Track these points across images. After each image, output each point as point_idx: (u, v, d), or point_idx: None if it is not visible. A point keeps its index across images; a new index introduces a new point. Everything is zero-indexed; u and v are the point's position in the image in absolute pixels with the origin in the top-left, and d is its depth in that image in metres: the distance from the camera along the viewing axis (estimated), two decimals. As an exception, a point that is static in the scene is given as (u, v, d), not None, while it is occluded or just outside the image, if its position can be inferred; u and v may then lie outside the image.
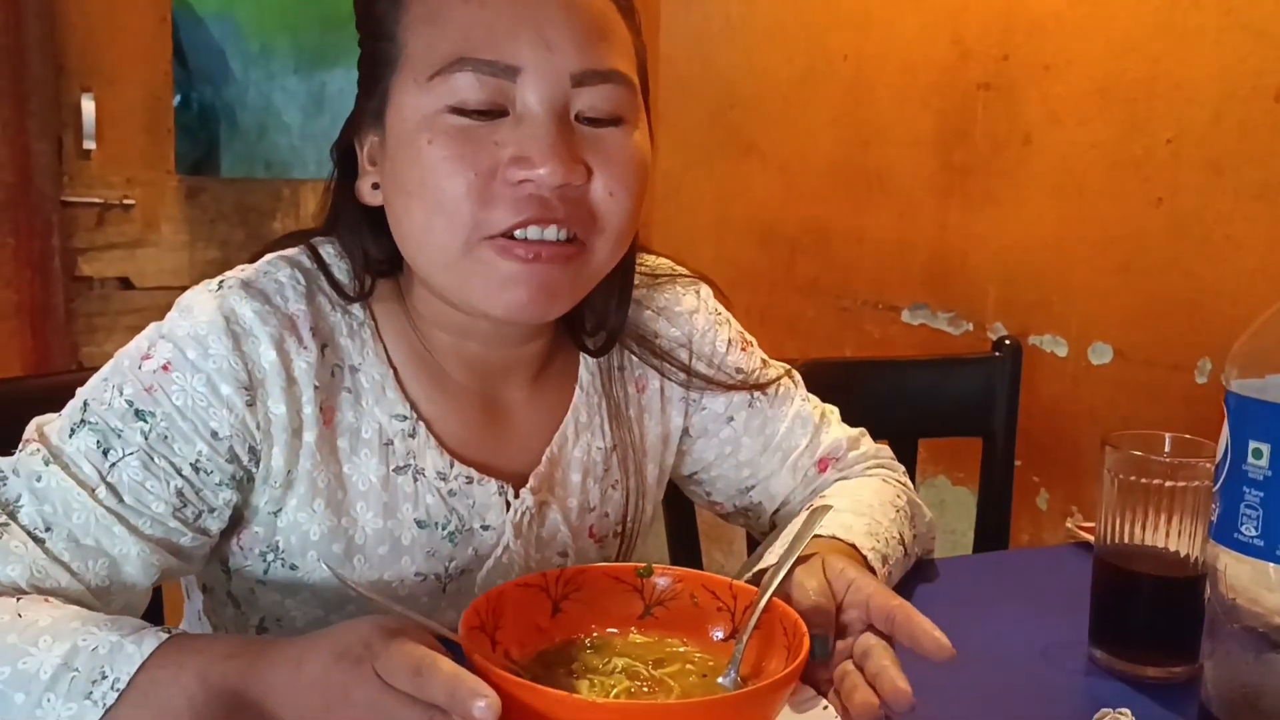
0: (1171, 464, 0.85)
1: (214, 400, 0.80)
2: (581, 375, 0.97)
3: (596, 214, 0.82)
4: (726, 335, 1.05)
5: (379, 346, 0.89)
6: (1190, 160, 1.66)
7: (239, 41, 3.04)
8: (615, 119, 0.82)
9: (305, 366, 0.84)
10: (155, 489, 0.79)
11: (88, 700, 0.66)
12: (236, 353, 0.81)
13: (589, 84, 0.80)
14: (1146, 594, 0.87)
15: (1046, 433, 1.88)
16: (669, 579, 0.80)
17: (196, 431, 0.80)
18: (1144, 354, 1.75)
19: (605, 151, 0.81)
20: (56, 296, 2.33)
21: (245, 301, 0.83)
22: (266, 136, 3.07)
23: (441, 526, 0.89)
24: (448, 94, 0.78)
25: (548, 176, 0.77)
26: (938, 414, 1.45)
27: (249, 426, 0.82)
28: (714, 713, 0.64)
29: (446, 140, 0.78)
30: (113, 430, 0.79)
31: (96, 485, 0.78)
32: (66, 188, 2.34)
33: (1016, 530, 1.87)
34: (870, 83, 2.21)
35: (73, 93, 2.32)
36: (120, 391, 0.80)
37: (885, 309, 2.22)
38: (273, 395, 0.82)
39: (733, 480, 1.07)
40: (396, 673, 0.62)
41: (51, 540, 0.76)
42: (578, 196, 0.80)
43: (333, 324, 0.87)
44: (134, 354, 0.82)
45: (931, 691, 0.83)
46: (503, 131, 0.79)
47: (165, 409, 0.79)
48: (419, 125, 0.79)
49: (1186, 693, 0.79)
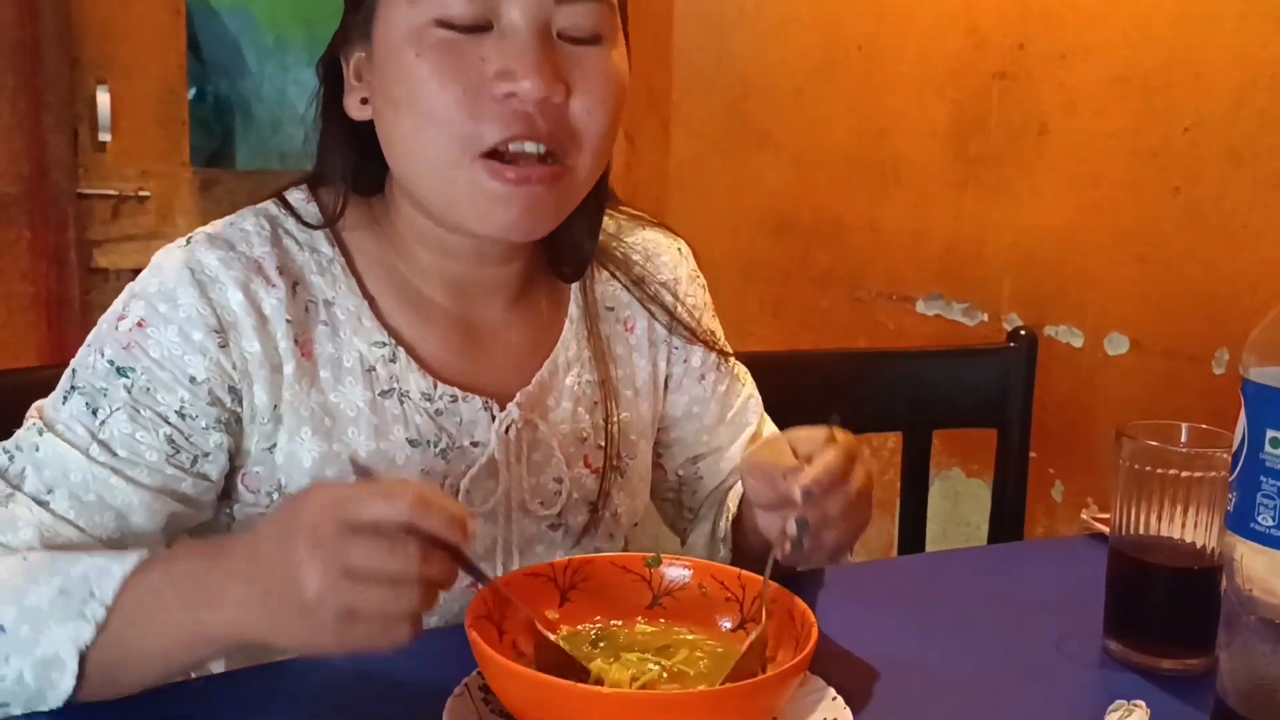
0: (1187, 454, 0.84)
1: (188, 348, 0.84)
2: (571, 310, 1.01)
3: (576, 131, 0.85)
4: (705, 297, 1.10)
5: (351, 280, 0.91)
6: (1208, 149, 1.65)
7: (253, 34, 3.04)
8: (595, 37, 0.85)
9: (275, 303, 0.87)
10: (145, 439, 0.82)
11: (80, 618, 0.70)
12: (204, 300, 0.84)
13: (570, 1, 0.83)
14: (1162, 585, 0.86)
15: (1062, 424, 1.86)
16: (677, 569, 0.80)
17: (176, 380, 0.83)
18: (1161, 345, 1.74)
19: (584, 70, 0.84)
20: (72, 288, 2.34)
21: (209, 251, 0.86)
22: (281, 129, 3.07)
23: (433, 445, 0.91)
24: (434, 7, 0.81)
25: (531, 90, 0.81)
26: (952, 405, 1.44)
27: (225, 368, 0.85)
28: (722, 702, 0.64)
29: (434, 54, 0.81)
30: (98, 390, 0.83)
31: (89, 445, 0.81)
32: (82, 180, 2.35)
33: (1031, 522, 1.86)
34: (885, 73, 2.20)
35: (88, 85, 2.33)
36: (101, 354, 0.84)
37: (899, 300, 2.21)
38: (245, 335, 0.85)
39: (689, 444, 1.09)
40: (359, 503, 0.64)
41: (55, 502, 0.80)
42: (558, 114, 0.83)
43: (300, 263, 0.90)
44: (111, 317, 0.86)
45: (946, 682, 0.82)
46: (487, 45, 0.82)
47: (144, 363, 0.83)
48: (406, 38, 0.82)
49: (1202, 685, 0.78)
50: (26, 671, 0.71)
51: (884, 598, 0.98)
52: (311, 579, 0.63)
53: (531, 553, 0.95)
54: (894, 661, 0.84)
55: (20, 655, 0.71)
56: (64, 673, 0.70)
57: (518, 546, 0.94)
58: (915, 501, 1.43)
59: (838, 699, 0.73)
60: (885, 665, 0.83)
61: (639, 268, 1.05)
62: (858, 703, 0.74)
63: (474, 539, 0.66)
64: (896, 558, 1.43)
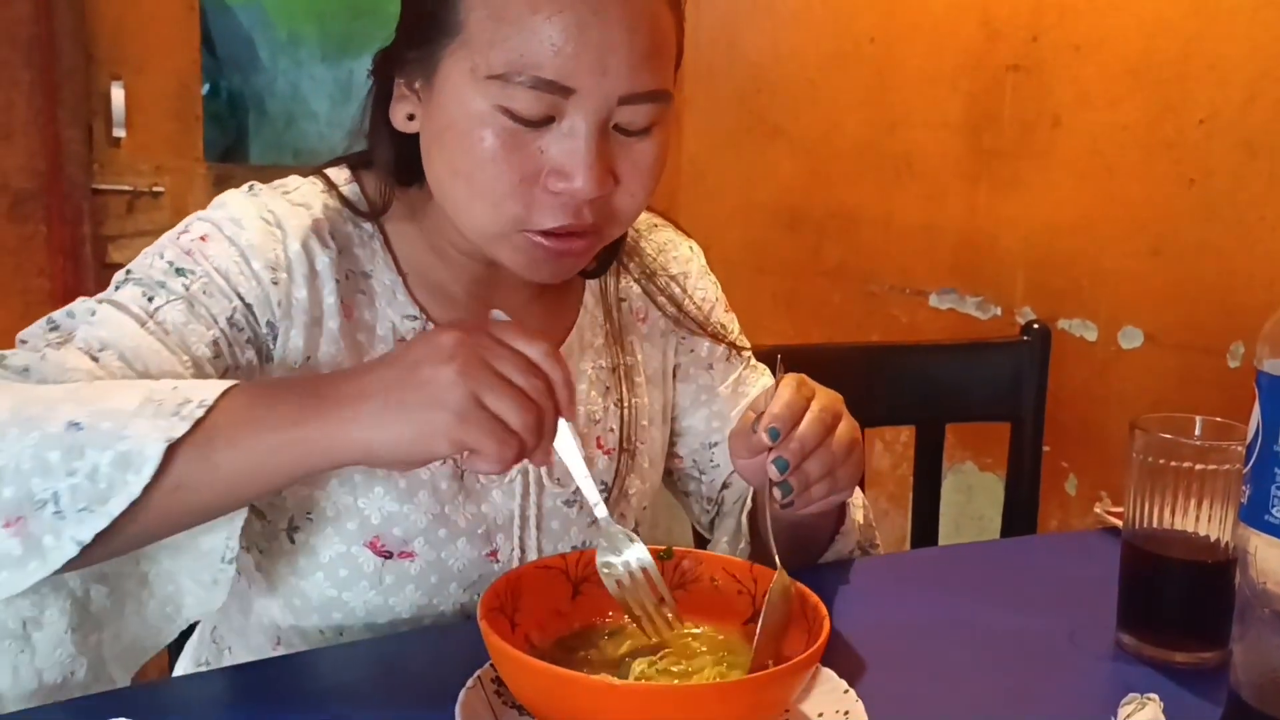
0: (1201, 447, 0.83)
1: (245, 269, 0.87)
2: (586, 299, 1.05)
3: (614, 212, 0.89)
4: (716, 293, 1.14)
5: (388, 257, 0.96)
6: (1223, 141, 1.64)
7: (267, 29, 3.05)
8: (647, 128, 0.87)
9: (327, 262, 0.91)
10: (197, 332, 0.84)
11: (175, 417, 0.69)
12: (269, 237, 0.89)
13: (633, 103, 0.84)
14: (1175, 579, 0.86)
15: (1075, 418, 1.86)
16: (690, 562, 0.80)
17: (231, 290, 0.87)
18: (1175, 338, 1.73)
19: (633, 160, 0.87)
20: (88, 284, 2.35)
21: (275, 200, 0.92)
22: (294, 124, 3.08)
23: None
24: (503, 97, 0.82)
25: (584, 191, 0.83)
26: (965, 399, 1.44)
27: (271, 302, 0.88)
28: (734, 694, 0.64)
29: (497, 141, 0.83)
30: (157, 283, 0.85)
31: (145, 320, 0.83)
32: (97, 175, 2.36)
33: (1045, 516, 1.86)
34: (897, 65, 2.19)
35: (102, 81, 2.34)
36: (161, 255, 0.87)
37: (913, 294, 2.20)
38: (296, 281, 0.89)
39: (700, 433, 1.11)
40: (508, 332, 0.71)
41: (105, 358, 0.80)
42: (602, 201, 0.87)
43: (347, 232, 0.94)
44: (171, 234, 0.90)
45: (958, 675, 0.82)
46: (548, 139, 0.84)
47: (204, 268, 0.86)
48: (471, 117, 0.84)
49: (1216, 678, 0.78)
50: (103, 465, 0.68)
51: (896, 591, 0.98)
52: (455, 360, 0.68)
53: (548, 528, 0.97)
54: (906, 654, 0.84)
55: (99, 448, 0.68)
56: (141, 470, 0.67)
57: (535, 521, 0.96)
58: (928, 495, 1.43)
59: (849, 691, 0.73)
60: (897, 658, 0.83)
61: (652, 261, 1.09)
62: (870, 695, 0.74)
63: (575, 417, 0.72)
64: (909, 551, 1.43)
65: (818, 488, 0.84)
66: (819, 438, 0.82)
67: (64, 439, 0.68)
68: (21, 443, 0.68)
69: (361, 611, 0.91)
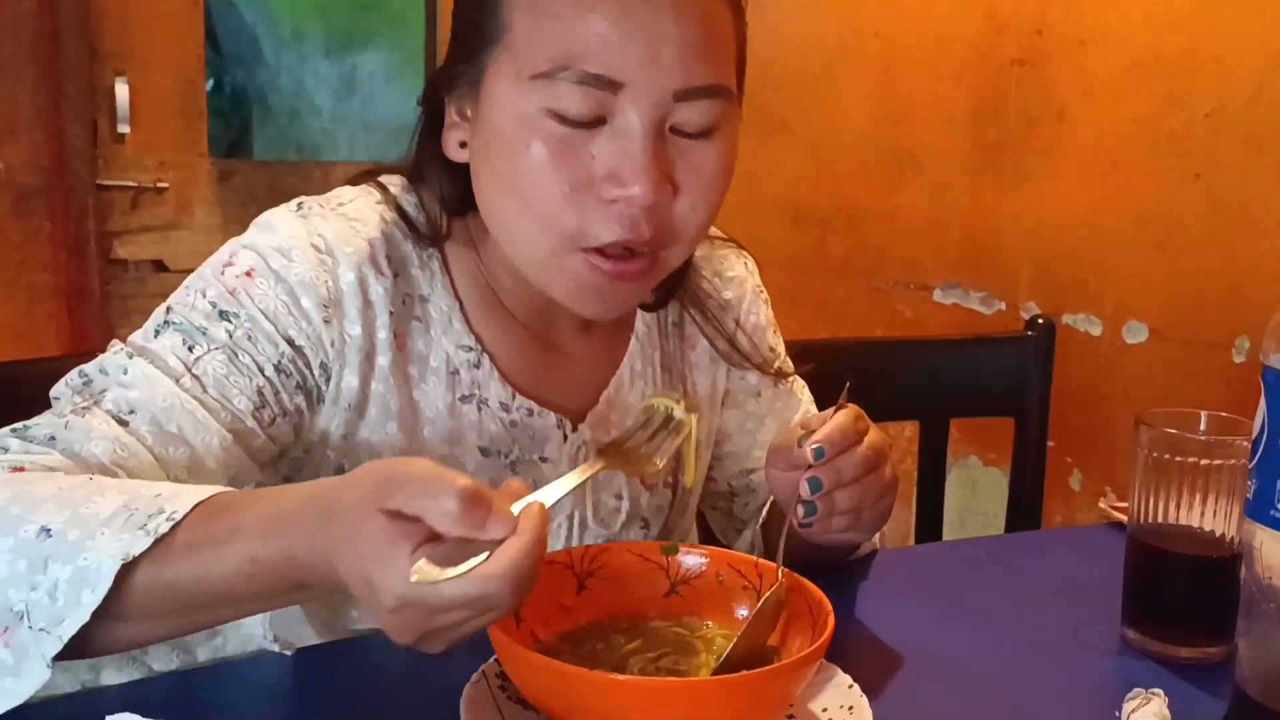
0: (1207, 442, 0.83)
1: (294, 309, 0.83)
2: (638, 327, 1.00)
3: (676, 228, 0.83)
4: (767, 314, 1.09)
5: (446, 279, 0.91)
6: (1229, 135, 1.63)
7: (270, 25, 3.05)
8: (708, 130, 0.81)
9: (381, 292, 0.86)
10: (239, 384, 0.80)
11: (140, 530, 0.64)
12: (319, 268, 0.84)
13: (690, 99, 0.79)
14: (1180, 574, 0.86)
15: (1080, 413, 1.85)
16: (694, 557, 0.80)
17: (278, 334, 0.82)
18: (1181, 333, 1.73)
19: (693, 165, 0.81)
20: (92, 279, 2.35)
21: (326, 223, 0.86)
22: (298, 120, 3.08)
23: (504, 455, 0.91)
24: (549, 98, 0.77)
25: (640, 197, 0.78)
26: (970, 394, 1.43)
27: (323, 343, 0.84)
28: (737, 689, 0.64)
29: (544, 148, 0.78)
30: (197, 329, 0.81)
31: (182, 375, 0.79)
32: (101, 171, 2.36)
33: (1049, 511, 1.85)
34: (902, 59, 2.19)
35: (106, 77, 2.34)
36: (203, 294, 0.83)
37: (917, 288, 2.20)
38: (349, 316, 0.85)
39: (741, 459, 1.08)
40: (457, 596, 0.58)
41: (135, 422, 0.76)
42: (661, 212, 0.81)
43: (404, 254, 0.89)
44: (215, 263, 0.85)
45: (963, 671, 0.82)
46: (599, 142, 0.79)
47: (249, 310, 0.82)
48: (517, 123, 0.79)
49: (1221, 673, 0.78)
50: (62, 582, 0.64)
51: (901, 586, 0.98)
52: (399, 631, 0.60)
53: None
54: (911, 650, 0.84)
55: (62, 562, 0.64)
56: (96, 588, 0.63)
57: None
58: (933, 490, 1.42)
59: (854, 687, 0.73)
60: (902, 654, 0.83)
61: (703, 292, 1.04)
62: (874, 691, 0.74)
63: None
64: (913, 546, 1.42)
65: (839, 520, 0.81)
66: (858, 472, 0.80)
67: (33, 548, 0.65)
68: (0, 548, 0.65)
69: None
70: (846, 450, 0.80)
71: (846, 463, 0.79)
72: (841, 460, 0.79)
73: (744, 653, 0.72)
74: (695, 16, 0.78)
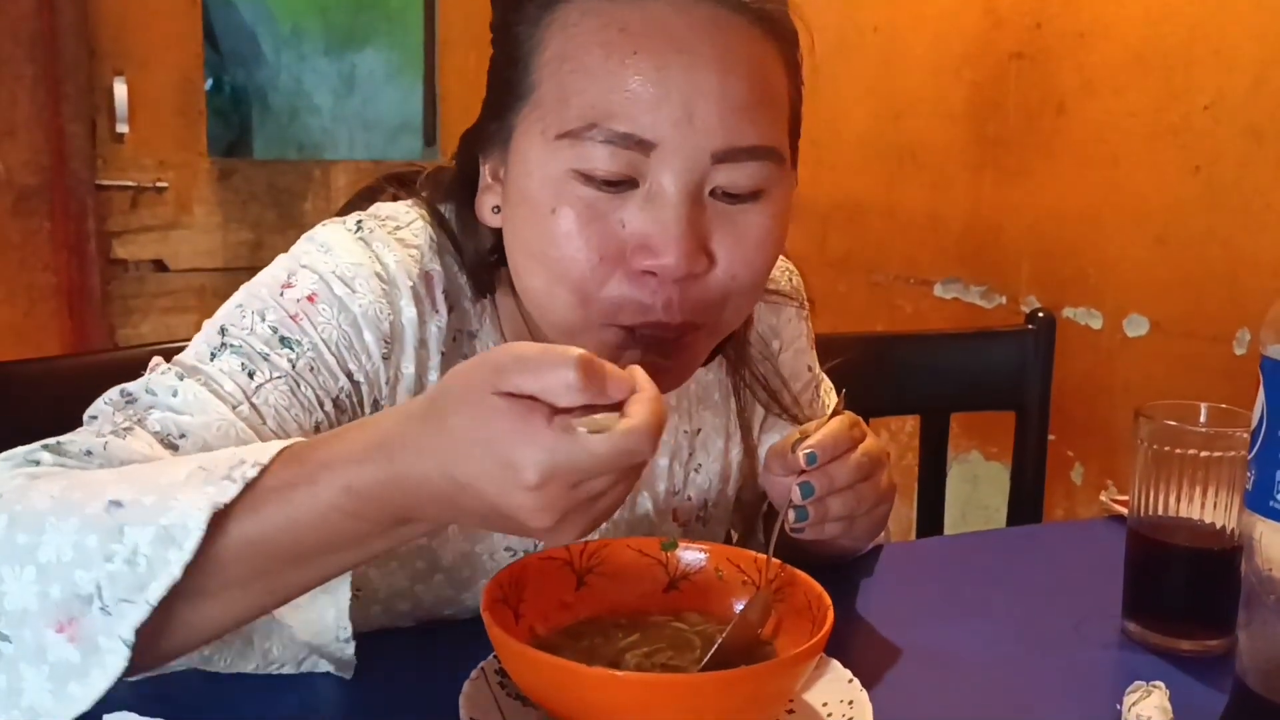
0: (1207, 434, 0.83)
1: (356, 342, 0.79)
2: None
3: (717, 298, 0.77)
4: (804, 332, 1.07)
5: (495, 315, 0.87)
6: (1229, 127, 1.63)
7: (270, 24, 3.05)
8: (754, 193, 0.76)
9: (436, 331, 0.83)
10: (299, 418, 0.75)
11: (225, 480, 0.59)
12: (384, 300, 0.79)
13: (731, 160, 0.73)
14: (1181, 566, 0.86)
15: (1081, 407, 1.85)
16: (693, 553, 0.80)
17: (340, 368, 0.78)
18: (1181, 326, 1.73)
19: (735, 233, 0.75)
20: (93, 279, 2.35)
21: (389, 249, 0.81)
22: (298, 119, 3.08)
23: None
24: (576, 159, 0.73)
25: (672, 269, 0.73)
26: (970, 388, 1.43)
27: (380, 380, 0.80)
28: (736, 684, 0.64)
29: (572, 213, 0.73)
30: (258, 354, 0.75)
31: (240, 403, 0.73)
32: (100, 171, 2.37)
33: (1051, 505, 1.85)
34: (901, 54, 2.19)
35: (105, 76, 2.34)
36: (262, 318, 0.77)
37: (917, 283, 2.20)
38: (405, 354, 0.81)
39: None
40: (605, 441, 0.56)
41: (185, 446, 0.70)
42: (699, 284, 0.75)
43: (460, 286, 0.85)
44: (272, 283, 0.79)
45: (964, 664, 0.82)
46: (630, 208, 0.73)
47: (312, 339, 0.77)
48: (544, 186, 0.74)
49: (1222, 666, 0.77)
50: (144, 545, 0.58)
51: (902, 580, 0.98)
52: (546, 511, 0.56)
53: None
54: (912, 644, 0.84)
55: (140, 525, 0.58)
56: (184, 544, 0.58)
57: None
58: (934, 485, 1.42)
59: (854, 681, 0.73)
60: (903, 648, 0.83)
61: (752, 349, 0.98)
62: (875, 685, 0.74)
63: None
64: (915, 540, 1.42)
65: (832, 526, 0.80)
66: (851, 479, 0.78)
67: (102, 521, 0.59)
68: (60, 532, 0.59)
69: None
70: (840, 456, 0.78)
71: (839, 469, 0.78)
72: (834, 466, 0.78)
73: (736, 647, 0.72)
74: (740, 71, 0.73)
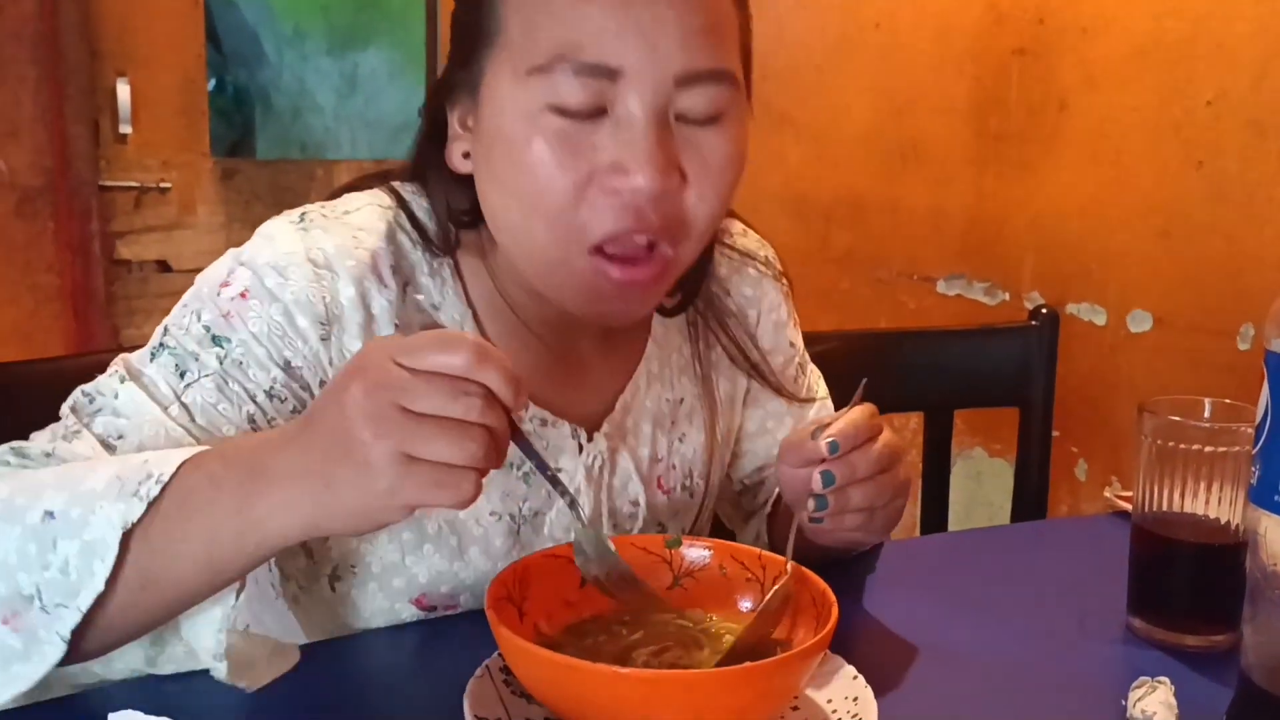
0: (1211, 429, 0.83)
1: (290, 330, 0.81)
2: (654, 328, 0.99)
3: (686, 220, 0.81)
4: (786, 309, 1.08)
5: (458, 285, 0.89)
6: (1232, 122, 1.63)
7: (272, 23, 3.05)
8: (714, 117, 0.80)
9: (385, 305, 0.84)
10: (227, 412, 0.80)
11: (134, 497, 0.66)
12: (316, 284, 0.82)
13: (692, 85, 0.78)
14: (1185, 562, 0.85)
15: (1085, 403, 1.85)
16: (697, 550, 0.80)
17: (271, 359, 0.81)
18: (1185, 321, 1.72)
19: (701, 154, 0.80)
20: (97, 280, 2.36)
21: (327, 235, 0.84)
22: (301, 118, 3.08)
23: (516, 467, 0.90)
24: (547, 92, 0.76)
25: (645, 186, 0.76)
26: (974, 385, 1.43)
27: (321, 361, 0.82)
28: (741, 681, 0.64)
29: (545, 145, 0.77)
30: (189, 354, 0.80)
31: (170, 403, 0.79)
32: (104, 172, 2.37)
33: (1055, 502, 1.85)
34: (903, 50, 2.18)
35: (108, 77, 2.34)
36: (198, 317, 0.81)
37: (920, 280, 2.20)
38: (349, 331, 0.83)
39: (758, 456, 1.08)
40: (417, 350, 0.62)
41: (122, 448, 0.77)
42: (670, 203, 0.79)
43: (414, 262, 0.88)
44: (213, 280, 0.83)
45: (968, 661, 0.82)
46: (601, 134, 0.77)
47: (241, 335, 0.80)
48: (517, 121, 0.78)
49: (1227, 661, 0.77)
50: (73, 557, 0.66)
51: (906, 577, 0.98)
52: (367, 419, 0.60)
53: None
54: (916, 640, 0.84)
55: (68, 538, 0.66)
56: (105, 558, 0.65)
57: None
58: (937, 482, 1.42)
59: (859, 678, 0.73)
60: (907, 644, 0.83)
61: (717, 300, 1.02)
62: (879, 681, 0.74)
63: (525, 408, 0.63)
64: (919, 537, 1.42)
65: (852, 518, 0.80)
66: (872, 469, 0.79)
67: (40, 531, 0.67)
68: (7, 537, 0.67)
69: None
70: (861, 447, 0.79)
71: (861, 459, 0.78)
72: (856, 456, 0.78)
73: (749, 645, 0.72)
74: (694, 3, 0.78)
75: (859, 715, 0.70)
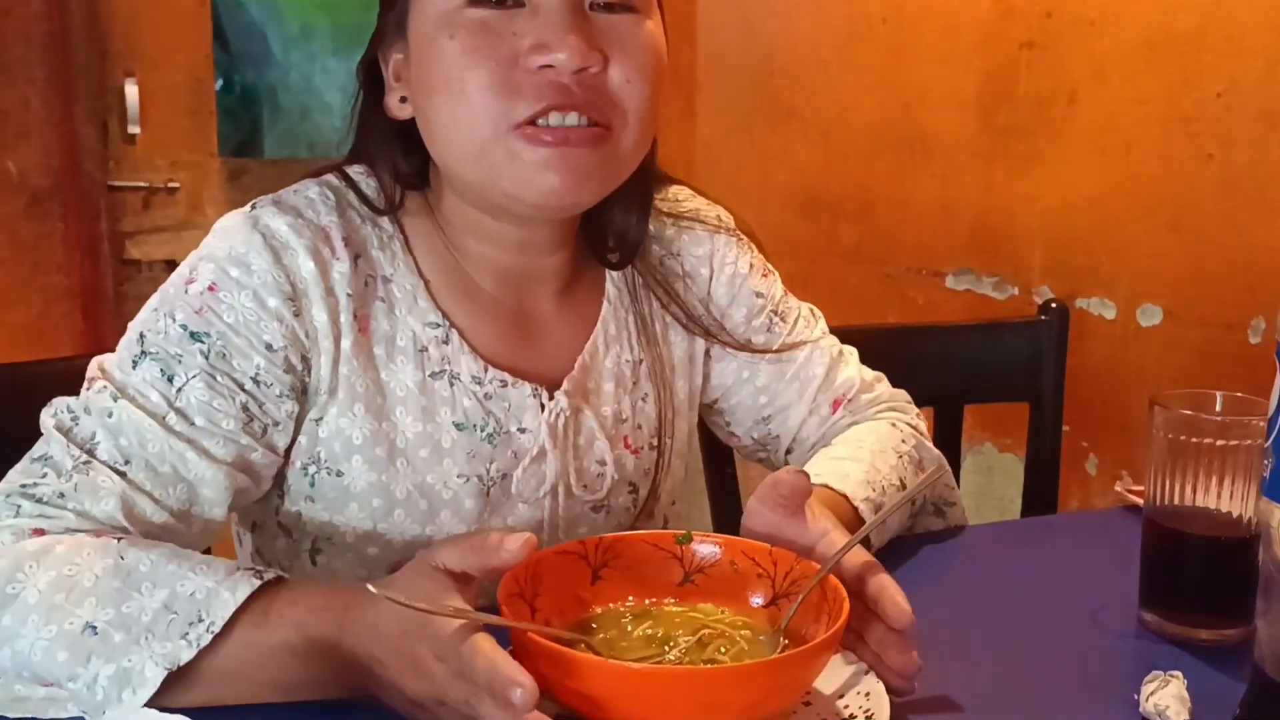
0: (1222, 423, 0.83)
1: (263, 314, 0.84)
2: (609, 290, 1.01)
3: (616, 100, 0.85)
4: (748, 260, 1.07)
5: (409, 259, 0.92)
6: (1242, 114, 1.62)
7: (279, 23, 3.05)
8: (628, 6, 0.85)
9: (339, 276, 0.87)
10: (222, 406, 0.82)
11: (183, 640, 0.69)
12: (277, 266, 0.84)
13: None
14: (1198, 555, 0.85)
15: (1095, 397, 1.85)
16: (709, 546, 0.80)
17: (252, 346, 0.83)
18: (1195, 314, 1.72)
19: (620, 39, 0.84)
20: (106, 280, 2.36)
21: (278, 217, 0.86)
22: (309, 117, 3.08)
23: (480, 429, 0.91)
24: None
25: (566, 61, 0.80)
26: (984, 380, 1.43)
27: (298, 336, 0.85)
28: (755, 677, 0.64)
29: (466, 34, 0.81)
30: (173, 356, 0.82)
31: (166, 413, 0.81)
32: (112, 172, 2.37)
33: (1065, 496, 1.85)
34: (911, 44, 2.18)
35: (116, 77, 2.34)
36: (172, 318, 0.83)
37: (929, 274, 2.19)
38: (314, 304, 0.85)
39: (751, 408, 1.08)
40: (447, 650, 0.63)
41: (132, 472, 0.79)
42: (596, 84, 0.83)
43: (364, 236, 0.90)
44: (178, 281, 0.86)
45: (980, 655, 0.82)
46: (520, 22, 0.82)
47: (218, 328, 0.83)
48: (439, 22, 0.83)
49: (1240, 655, 0.77)
50: (104, 679, 0.68)
51: (917, 572, 0.97)
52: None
53: (575, 535, 0.95)
54: (927, 635, 0.83)
55: (105, 660, 0.69)
56: (138, 691, 0.68)
57: (562, 530, 0.95)
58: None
59: (870, 673, 0.73)
60: (919, 639, 0.83)
61: (663, 256, 1.03)
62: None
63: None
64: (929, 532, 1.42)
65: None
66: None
67: (76, 643, 0.70)
68: (39, 634, 0.70)
69: None
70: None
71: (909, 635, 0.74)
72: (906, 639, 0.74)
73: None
74: None
75: (871, 710, 0.70)
